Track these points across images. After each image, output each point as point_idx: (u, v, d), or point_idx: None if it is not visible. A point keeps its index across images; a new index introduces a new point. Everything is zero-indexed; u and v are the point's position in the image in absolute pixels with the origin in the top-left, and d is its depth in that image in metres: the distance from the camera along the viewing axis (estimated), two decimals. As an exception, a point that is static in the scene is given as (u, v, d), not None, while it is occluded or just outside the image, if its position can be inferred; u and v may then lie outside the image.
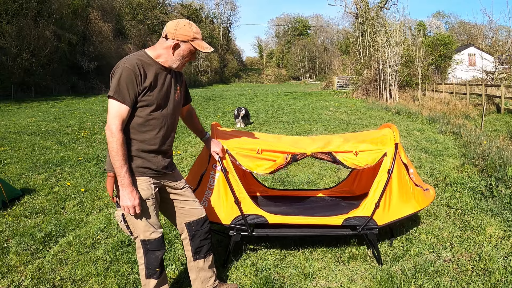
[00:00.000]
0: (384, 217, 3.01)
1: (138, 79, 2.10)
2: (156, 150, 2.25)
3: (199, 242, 2.49)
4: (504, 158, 5.30)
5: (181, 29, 2.17)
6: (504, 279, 2.75)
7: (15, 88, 27.68)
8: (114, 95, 2.08)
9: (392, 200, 3.00)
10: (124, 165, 2.08)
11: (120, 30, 45.53)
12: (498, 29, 32.18)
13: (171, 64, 2.23)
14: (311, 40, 75.67)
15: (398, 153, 2.99)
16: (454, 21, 63.18)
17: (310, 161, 6.47)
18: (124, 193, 2.11)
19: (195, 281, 2.56)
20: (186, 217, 2.47)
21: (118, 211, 2.26)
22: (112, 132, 2.05)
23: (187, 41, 2.18)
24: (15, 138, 9.84)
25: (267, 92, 32.35)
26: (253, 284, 2.71)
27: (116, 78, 2.10)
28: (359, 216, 2.98)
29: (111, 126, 2.06)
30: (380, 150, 2.98)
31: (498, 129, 10.25)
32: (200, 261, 2.51)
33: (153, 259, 2.30)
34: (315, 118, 13.27)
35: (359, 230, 3.00)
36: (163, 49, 2.20)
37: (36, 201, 4.76)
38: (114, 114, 2.07)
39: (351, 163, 2.94)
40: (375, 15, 27.57)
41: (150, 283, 2.34)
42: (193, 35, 2.19)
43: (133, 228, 2.27)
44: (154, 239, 2.28)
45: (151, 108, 2.18)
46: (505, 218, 3.79)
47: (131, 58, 2.16)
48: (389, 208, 3.01)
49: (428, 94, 21.80)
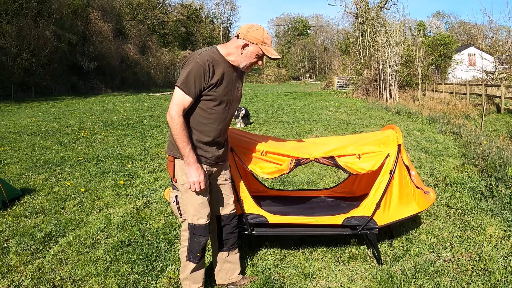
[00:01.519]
0: (384, 218, 3.01)
1: (206, 75, 2.24)
2: (212, 141, 2.41)
3: (226, 235, 2.63)
4: (504, 158, 5.30)
5: (253, 32, 2.31)
6: (504, 279, 2.75)
7: (15, 88, 27.67)
8: (181, 86, 2.23)
9: (393, 201, 3.00)
10: (187, 145, 2.25)
11: (120, 30, 45.51)
12: (498, 29, 32.26)
13: (239, 63, 2.36)
14: (311, 40, 75.68)
15: (400, 154, 2.99)
16: (454, 21, 63.28)
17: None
18: (191, 170, 2.28)
19: (219, 272, 2.69)
20: (219, 210, 2.61)
21: (173, 192, 2.45)
22: (172, 117, 2.22)
23: (257, 44, 2.32)
24: (15, 138, 9.84)
25: (267, 92, 32.35)
26: (253, 284, 2.71)
27: (186, 70, 2.24)
28: (359, 216, 2.98)
29: (171, 111, 2.22)
30: (382, 151, 2.98)
31: (498, 129, 10.25)
32: (224, 253, 2.65)
33: (196, 243, 2.43)
34: (315, 118, 13.27)
35: (359, 230, 3.00)
36: (234, 48, 2.34)
37: (36, 201, 4.76)
38: (176, 102, 2.23)
39: (354, 170, 2.93)
40: (375, 15, 27.57)
41: (189, 265, 2.49)
42: (263, 40, 2.32)
43: (184, 210, 2.43)
44: (200, 224, 2.40)
45: (215, 103, 2.33)
46: (505, 218, 3.79)
47: (204, 54, 2.28)
48: (389, 209, 3.01)
49: (428, 94, 21.80)
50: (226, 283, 2.71)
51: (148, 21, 53.04)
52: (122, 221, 4.02)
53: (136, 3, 52.33)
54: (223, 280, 2.71)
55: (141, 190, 5.14)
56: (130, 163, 6.81)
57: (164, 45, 55.29)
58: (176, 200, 2.43)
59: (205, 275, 2.88)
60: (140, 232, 3.74)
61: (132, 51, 45.66)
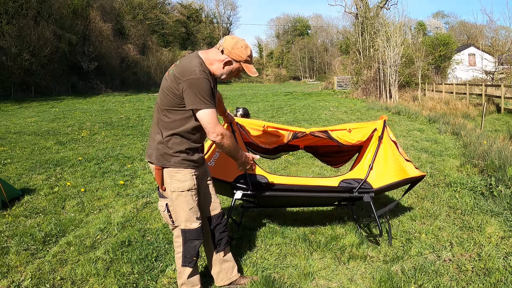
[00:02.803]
0: (378, 180, 3.23)
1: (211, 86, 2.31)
2: (199, 146, 2.49)
3: (219, 235, 2.65)
4: (504, 158, 5.30)
5: (238, 49, 2.33)
6: (504, 279, 2.75)
7: (15, 88, 27.66)
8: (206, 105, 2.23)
9: (385, 165, 3.26)
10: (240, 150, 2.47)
11: (120, 30, 45.49)
12: (498, 29, 32.24)
13: (218, 75, 2.39)
14: (311, 40, 75.61)
15: (386, 129, 3.32)
16: (454, 21, 63.19)
17: (310, 161, 6.48)
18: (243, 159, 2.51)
19: (219, 274, 2.70)
20: (210, 211, 2.63)
21: (162, 201, 2.47)
22: (223, 135, 2.30)
23: (239, 61, 2.36)
24: (15, 138, 9.84)
25: (267, 92, 32.34)
26: (253, 284, 2.71)
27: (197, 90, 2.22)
28: (354, 179, 3.22)
29: (217, 130, 2.27)
30: (370, 127, 3.35)
31: (498, 129, 10.26)
32: (221, 253, 2.68)
33: (192, 248, 2.45)
34: (315, 118, 13.27)
35: (355, 191, 3.19)
36: (216, 61, 2.36)
37: (36, 201, 4.76)
38: (213, 121, 2.26)
39: (344, 140, 3.28)
40: (375, 15, 27.56)
41: (185, 271, 2.51)
42: (246, 58, 2.37)
43: (175, 217, 2.45)
44: (194, 229, 2.44)
45: None
46: (505, 218, 3.79)
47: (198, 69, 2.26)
48: (382, 173, 3.25)
49: (428, 94, 21.80)
50: (228, 282, 2.71)
51: (148, 21, 53.03)
52: (122, 221, 4.02)
53: (136, 3, 52.32)
54: (224, 280, 2.71)
55: (141, 190, 5.14)
56: (130, 163, 6.81)
57: (164, 45, 55.30)
58: (167, 208, 2.45)
59: (205, 275, 2.90)
60: (140, 232, 3.74)
61: (132, 51, 45.66)
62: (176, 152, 2.35)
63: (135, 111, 17.60)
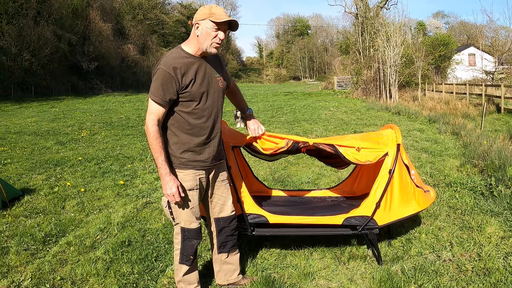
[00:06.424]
0: (384, 217, 3.01)
1: (174, 80, 2.23)
2: (205, 141, 2.40)
3: (225, 238, 2.63)
4: (504, 158, 5.30)
5: (200, 11, 2.30)
6: (504, 279, 2.75)
7: (15, 88, 27.63)
8: (151, 96, 2.25)
9: (393, 200, 3.00)
10: (160, 155, 2.25)
11: (120, 30, 45.46)
12: (498, 29, 32.28)
13: (202, 48, 2.30)
14: (311, 40, 75.57)
15: (399, 154, 3.00)
16: (454, 21, 63.12)
17: (310, 161, 6.48)
18: (164, 181, 2.28)
19: (218, 273, 2.71)
20: (217, 212, 2.61)
21: (164, 197, 2.41)
22: (147, 127, 2.25)
23: (205, 19, 2.26)
24: (15, 138, 9.84)
25: (267, 92, 32.34)
26: (253, 284, 2.71)
27: (154, 80, 2.26)
28: (359, 216, 2.98)
29: (146, 121, 2.26)
30: (381, 150, 3.00)
31: (498, 129, 10.25)
32: (223, 254, 2.66)
33: (189, 247, 2.45)
34: (315, 118, 13.27)
35: (359, 230, 3.00)
36: (193, 37, 2.32)
37: (36, 201, 4.76)
38: (149, 111, 2.26)
39: (353, 158, 2.96)
40: (375, 15, 27.58)
41: (182, 268, 2.51)
42: (210, 13, 2.26)
43: (176, 215, 2.43)
44: (193, 228, 2.44)
45: (196, 102, 2.33)
46: (505, 218, 3.79)
47: (168, 58, 2.28)
48: (390, 209, 3.01)
49: (428, 94, 21.80)
50: (226, 283, 2.72)
51: (148, 21, 53.00)
52: (122, 221, 4.02)
53: (136, 3, 52.29)
54: (223, 280, 2.72)
55: (141, 190, 5.14)
56: (130, 163, 6.81)
57: (164, 45, 55.24)
58: (169, 205, 2.43)
59: (205, 275, 2.90)
60: (140, 232, 3.74)
61: (132, 51, 45.62)
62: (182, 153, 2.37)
63: (135, 111, 17.60)
